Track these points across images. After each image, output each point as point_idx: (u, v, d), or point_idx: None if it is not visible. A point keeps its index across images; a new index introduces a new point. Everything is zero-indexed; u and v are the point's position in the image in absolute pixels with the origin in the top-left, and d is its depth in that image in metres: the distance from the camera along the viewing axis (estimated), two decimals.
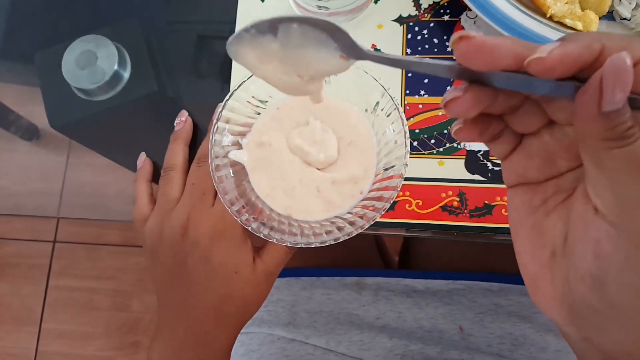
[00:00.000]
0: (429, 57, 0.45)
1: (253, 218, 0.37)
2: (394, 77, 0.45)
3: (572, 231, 0.23)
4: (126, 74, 0.50)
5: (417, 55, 0.46)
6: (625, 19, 0.43)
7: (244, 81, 0.38)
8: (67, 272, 1.45)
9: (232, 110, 0.39)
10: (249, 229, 0.36)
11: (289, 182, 0.39)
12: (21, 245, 1.48)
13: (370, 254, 0.75)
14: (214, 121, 0.38)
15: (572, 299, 0.23)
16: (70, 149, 0.51)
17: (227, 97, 0.38)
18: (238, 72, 0.47)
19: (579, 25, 0.42)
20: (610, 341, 0.23)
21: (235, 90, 0.38)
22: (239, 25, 0.48)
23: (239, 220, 0.37)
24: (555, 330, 0.56)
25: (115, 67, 0.48)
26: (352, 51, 0.23)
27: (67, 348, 1.40)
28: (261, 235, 0.36)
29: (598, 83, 0.19)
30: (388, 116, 0.38)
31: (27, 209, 0.51)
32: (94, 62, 0.48)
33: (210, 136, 0.38)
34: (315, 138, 0.39)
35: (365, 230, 0.36)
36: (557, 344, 0.55)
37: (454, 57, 0.21)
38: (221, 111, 0.38)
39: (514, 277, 0.60)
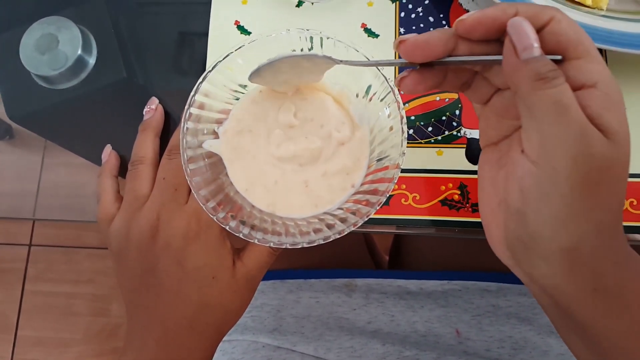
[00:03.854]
0: None
1: (231, 216, 0.33)
2: (388, 58, 0.41)
3: (507, 175, 0.28)
4: (91, 60, 0.46)
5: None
6: None
7: (219, 61, 0.34)
8: (43, 277, 1.41)
9: (207, 95, 0.35)
10: (227, 228, 0.33)
11: (270, 175, 0.35)
12: None
13: (360, 253, 0.72)
14: (186, 107, 0.34)
15: (507, 236, 0.28)
16: (46, 149, 0.48)
17: (200, 80, 0.34)
18: (214, 55, 0.43)
19: (588, 0, 0.39)
20: (539, 274, 0.27)
21: (209, 72, 0.34)
22: (215, 6, 0.44)
23: (215, 218, 0.33)
24: (557, 333, 0.53)
25: (79, 51, 0.44)
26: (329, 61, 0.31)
27: (44, 356, 1.36)
28: (241, 235, 0.32)
29: (510, 41, 0.24)
30: (382, 100, 0.35)
31: (1, 211, 0.48)
32: (55, 47, 0.44)
33: (182, 124, 0.33)
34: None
35: (358, 227, 0.32)
36: (560, 348, 0.53)
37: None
38: (193, 95, 0.34)
39: (512, 276, 0.57)
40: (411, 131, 0.40)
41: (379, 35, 0.42)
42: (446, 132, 0.40)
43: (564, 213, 0.25)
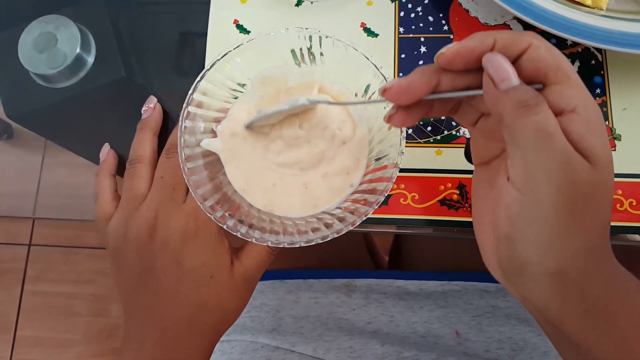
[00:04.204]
0: (424, 36, 0.42)
1: (229, 215, 0.33)
2: (387, 59, 0.41)
3: (496, 199, 0.28)
4: (90, 59, 0.45)
5: (411, 35, 0.42)
6: None
7: (218, 59, 0.34)
8: (43, 277, 1.40)
9: (205, 94, 0.35)
10: (224, 227, 0.32)
11: (268, 178, 0.35)
12: None
13: (360, 253, 0.72)
14: (184, 105, 0.33)
15: (498, 257, 0.28)
16: (46, 148, 0.48)
17: (198, 78, 0.34)
18: (213, 54, 0.43)
19: (588, 0, 0.38)
20: (530, 295, 0.27)
21: (208, 70, 0.34)
22: (214, 5, 0.44)
23: (212, 217, 0.32)
24: None
25: (78, 50, 0.44)
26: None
27: (43, 356, 1.35)
28: (238, 234, 0.32)
29: (487, 74, 0.25)
30: None
31: (1, 211, 0.48)
32: (53, 45, 0.44)
33: (180, 122, 0.33)
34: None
35: (356, 227, 0.32)
36: None
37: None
38: (191, 94, 0.33)
39: None
40: (410, 131, 0.40)
41: (378, 35, 0.42)
42: (445, 132, 0.40)
43: (550, 238, 0.25)
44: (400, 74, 0.41)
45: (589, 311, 0.27)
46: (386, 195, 0.32)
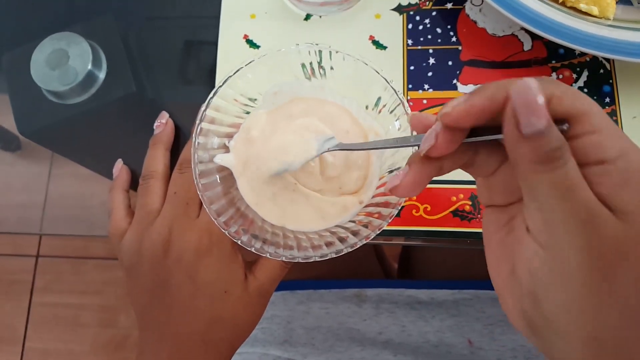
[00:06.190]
0: (432, 48, 0.42)
1: (243, 230, 0.33)
2: (396, 71, 0.41)
3: (515, 250, 0.25)
4: (101, 74, 0.46)
5: (419, 47, 0.42)
6: None
7: (230, 76, 0.34)
8: (51, 288, 1.40)
9: (218, 110, 0.35)
10: (239, 242, 0.32)
11: (269, 189, 0.35)
12: (2, 261, 1.43)
13: (369, 262, 0.72)
14: (197, 122, 0.34)
15: (524, 314, 0.24)
16: (53, 160, 0.48)
17: (210, 95, 0.34)
18: (223, 69, 0.43)
19: (595, 10, 0.38)
20: (559, 354, 0.24)
21: (220, 87, 0.34)
22: (224, 20, 0.44)
23: (227, 232, 0.32)
24: None
25: (89, 66, 0.44)
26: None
27: None
28: (253, 250, 0.32)
29: (512, 111, 0.20)
30: (391, 112, 0.35)
31: (9, 224, 0.48)
32: (65, 62, 0.44)
33: (193, 138, 0.33)
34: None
35: (370, 240, 0.32)
36: None
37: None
38: (204, 110, 0.34)
39: None
40: None
41: (387, 47, 0.42)
42: None
43: (580, 302, 0.22)
44: (410, 86, 0.41)
45: None
46: (399, 208, 0.32)
